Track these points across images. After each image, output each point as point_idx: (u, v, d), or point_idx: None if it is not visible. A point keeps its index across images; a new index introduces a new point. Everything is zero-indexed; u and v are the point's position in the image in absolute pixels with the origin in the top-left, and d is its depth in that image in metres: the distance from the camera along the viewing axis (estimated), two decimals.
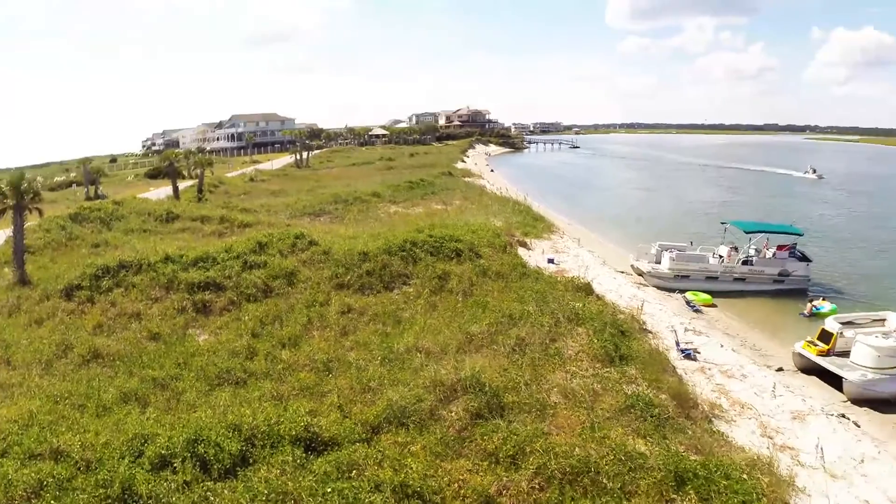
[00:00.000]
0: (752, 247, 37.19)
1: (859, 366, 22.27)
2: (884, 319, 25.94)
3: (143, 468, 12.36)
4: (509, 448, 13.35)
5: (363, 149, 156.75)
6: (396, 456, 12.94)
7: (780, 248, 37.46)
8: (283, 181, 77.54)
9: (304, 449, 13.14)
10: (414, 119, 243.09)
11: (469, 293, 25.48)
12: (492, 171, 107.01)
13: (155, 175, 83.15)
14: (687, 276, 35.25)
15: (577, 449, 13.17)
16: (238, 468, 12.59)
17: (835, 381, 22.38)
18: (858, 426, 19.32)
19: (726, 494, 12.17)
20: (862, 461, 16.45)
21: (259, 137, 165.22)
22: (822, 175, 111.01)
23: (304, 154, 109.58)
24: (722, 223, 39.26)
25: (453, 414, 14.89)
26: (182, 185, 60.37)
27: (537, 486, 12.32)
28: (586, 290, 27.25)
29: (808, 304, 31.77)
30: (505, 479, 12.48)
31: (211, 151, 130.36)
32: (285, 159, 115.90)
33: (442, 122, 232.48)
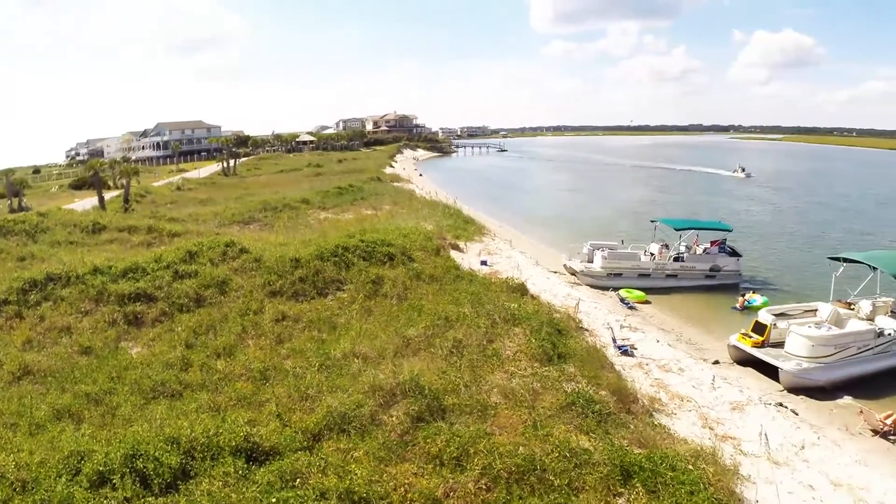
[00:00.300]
0: (683, 243, 38.03)
1: (794, 355, 22.92)
2: (815, 310, 26.75)
3: (81, 486, 11.82)
4: (453, 450, 13.15)
5: (291, 156, 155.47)
6: (340, 463, 12.65)
7: (710, 244, 38.37)
8: (210, 190, 76.26)
9: (245, 459, 12.74)
10: (341, 125, 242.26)
11: (404, 297, 25.32)
12: (420, 175, 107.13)
13: (80, 186, 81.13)
14: (620, 275, 35.72)
15: (521, 448, 13.09)
16: (179, 482, 12.13)
17: (770, 371, 22.92)
18: (796, 414, 19.83)
19: (673, 485, 12.19)
20: (803, 447, 16.86)
21: (185, 146, 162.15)
22: (751, 174, 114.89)
23: (232, 162, 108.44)
24: (652, 221, 39.91)
25: (394, 418, 14.67)
26: (108, 195, 59.15)
27: (484, 487, 12.16)
28: (521, 290, 27.41)
29: (740, 298, 32.51)
30: (451, 480, 12.28)
31: (137, 160, 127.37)
32: (212, 167, 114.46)
33: (369, 127, 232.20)
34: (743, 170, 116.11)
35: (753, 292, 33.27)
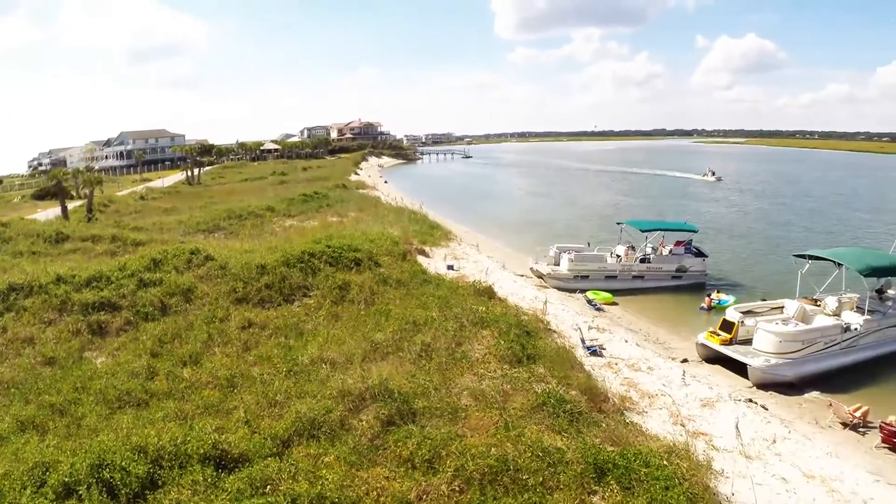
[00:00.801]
0: (649, 245, 38.51)
1: (762, 352, 23.46)
2: (782, 307, 27.41)
3: (46, 498, 11.67)
4: (425, 453, 13.18)
5: (255, 164, 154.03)
6: (310, 468, 12.61)
7: (676, 244, 38.92)
8: (174, 199, 75.56)
9: (214, 467, 12.63)
10: (306, 133, 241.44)
11: (371, 302, 25.36)
12: (385, 182, 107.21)
13: (42, 196, 79.56)
14: (586, 277, 36.06)
15: (493, 449, 13.14)
16: (147, 491, 12.00)
17: (739, 368, 23.42)
18: (766, 409, 20.25)
19: (647, 481, 12.35)
20: (774, 441, 17.20)
21: (149, 155, 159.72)
22: (721, 177, 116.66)
23: (196, 171, 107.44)
24: (618, 223, 40.41)
25: (364, 423, 14.68)
26: (71, 205, 58.42)
27: (457, 489, 12.19)
28: (488, 293, 27.66)
29: (707, 298, 33.04)
30: (424, 483, 12.28)
31: (100, 170, 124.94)
32: (176, 176, 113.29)
33: (334, 135, 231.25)
34: (713, 173, 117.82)
35: (718, 292, 33.90)
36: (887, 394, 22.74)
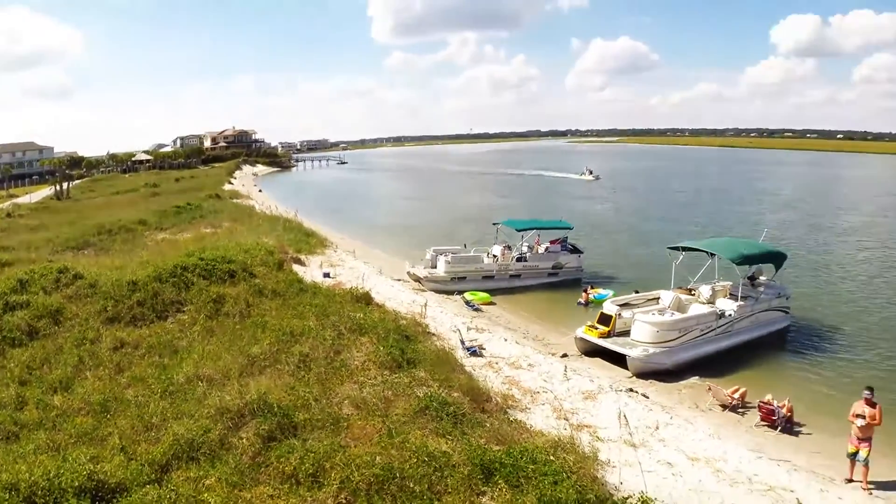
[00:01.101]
0: (525, 244, 39.19)
1: (640, 342, 24.19)
2: (657, 298, 28.22)
3: None
4: (308, 467, 12.72)
5: (127, 176, 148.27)
6: (191, 493, 11.97)
7: (552, 242, 39.76)
8: (43, 215, 71.68)
9: (90, 499, 11.81)
10: (178, 142, 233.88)
11: (247, 314, 24.67)
12: (260, 191, 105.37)
13: None
14: (464, 278, 36.27)
15: (378, 457, 12.82)
16: None
17: (619, 359, 24.02)
18: (647, 397, 20.86)
19: (536, 478, 12.27)
20: (657, 428, 17.67)
21: (16, 169, 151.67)
22: (599, 176, 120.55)
23: (65, 185, 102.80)
24: (494, 224, 40.92)
25: (245, 440, 14.09)
26: None
27: (344, 501, 11.80)
28: (366, 299, 27.40)
29: (584, 293, 33.85)
30: (309, 499, 11.85)
31: None
32: (45, 191, 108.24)
33: (208, 144, 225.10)
34: (591, 172, 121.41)
35: (592, 287, 34.83)
36: (763, 375, 23.94)
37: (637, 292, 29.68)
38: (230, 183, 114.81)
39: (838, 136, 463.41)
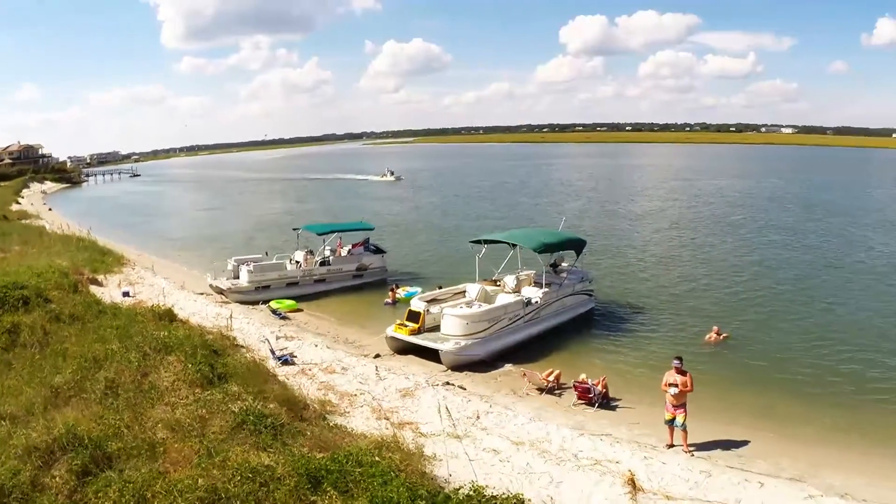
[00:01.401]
0: (328, 248, 39.03)
1: (451, 336, 24.62)
2: (464, 291, 28.92)
3: None
4: (129, 499, 12.00)
5: None
6: None
7: (354, 245, 39.90)
8: None
9: None
10: None
11: (45, 343, 22.87)
12: (50, 209, 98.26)
13: None
14: (268, 287, 35.62)
15: (200, 480, 12.29)
16: None
17: (432, 354, 24.37)
18: (464, 389, 21.36)
19: (364, 480, 12.22)
20: (478, 417, 18.16)
21: None
22: (401, 176, 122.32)
23: None
24: (294, 229, 40.33)
25: (58, 478, 13.06)
26: None
27: None
28: (169, 316, 26.48)
29: (391, 292, 34.22)
30: None
31: None
32: None
33: None
34: (392, 173, 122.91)
35: (397, 286, 35.28)
36: (574, 356, 25.24)
37: (440, 287, 30.34)
38: (17, 202, 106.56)
39: (627, 128, 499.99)
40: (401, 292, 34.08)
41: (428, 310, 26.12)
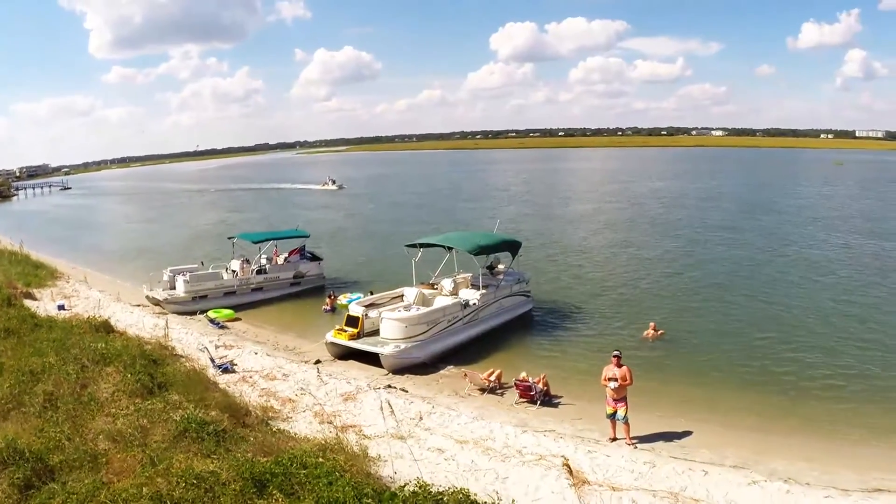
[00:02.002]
0: (264, 256, 38.89)
1: (390, 339, 24.83)
2: (402, 295, 29.06)
3: None
4: None
5: None
6: None
7: (290, 252, 39.83)
8: None
9: None
10: None
11: None
12: None
13: None
14: (205, 296, 35.25)
15: (145, 488, 12.22)
16: None
17: (372, 359, 24.50)
18: (406, 391, 21.54)
19: (309, 482, 12.31)
20: (421, 418, 18.37)
21: None
22: (343, 185, 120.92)
23: None
24: (229, 238, 40.00)
25: (0, 493, 12.79)
26: None
27: None
28: (106, 328, 26.41)
29: (328, 299, 34.22)
30: None
31: None
32: None
33: None
34: (334, 181, 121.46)
35: (332, 295, 35.05)
36: (514, 355, 25.69)
37: (372, 293, 30.55)
38: None
39: (560, 133, 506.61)
40: (341, 299, 33.99)
41: (367, 314, 26.21)
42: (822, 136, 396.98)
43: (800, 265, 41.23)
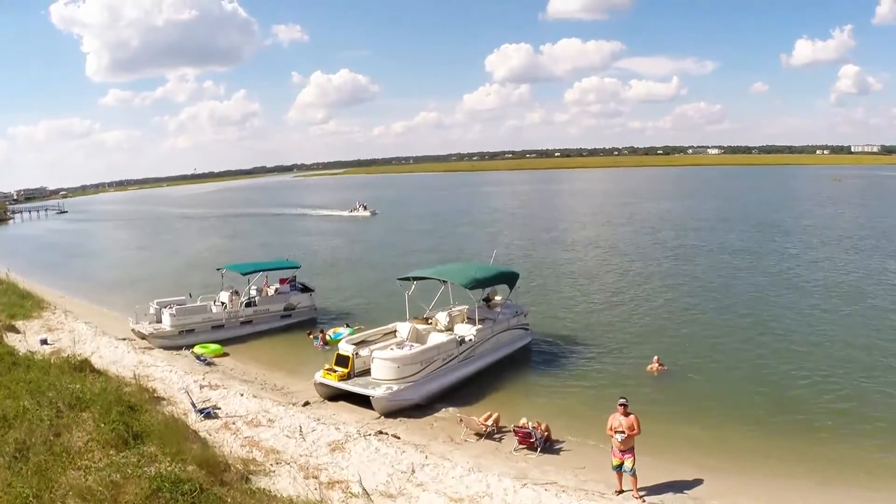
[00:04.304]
0: (253, 287, 37.70)
1: (382, 380, 23.51)
2: (394, 331, 27.89)
3: None
4: None
5: None
6: None
7: (281, 282, 38.79)
8: None
9: None
10: None
11: None
12: None
13: None
14: (192, 331, 34.11)
15: None
16: None
17: (364, 400, 23.20)
18: (398, 437, 20.19)
19: None
20: (413, 472, 17.00)
21: None
22: (376, 210, 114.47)
23: None
24: (218, 269, 39.04)
25: None
26: None
27: None
28: (85, 367, 25.14)
29: (320, 334, 32.96)
30: None
31: None
32: None
33: None
34: (366, 207, 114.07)
35: (321, 331, 33.77)
36: (512, 394, 24.54)
37: (360, 328, 29.86)
38: None
39: (556, 154, 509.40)
40: (332, 333, 32.86)
41: (357, 353, 24.95)
42: (817, 151, 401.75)
43: (810, 291, 39.95)
